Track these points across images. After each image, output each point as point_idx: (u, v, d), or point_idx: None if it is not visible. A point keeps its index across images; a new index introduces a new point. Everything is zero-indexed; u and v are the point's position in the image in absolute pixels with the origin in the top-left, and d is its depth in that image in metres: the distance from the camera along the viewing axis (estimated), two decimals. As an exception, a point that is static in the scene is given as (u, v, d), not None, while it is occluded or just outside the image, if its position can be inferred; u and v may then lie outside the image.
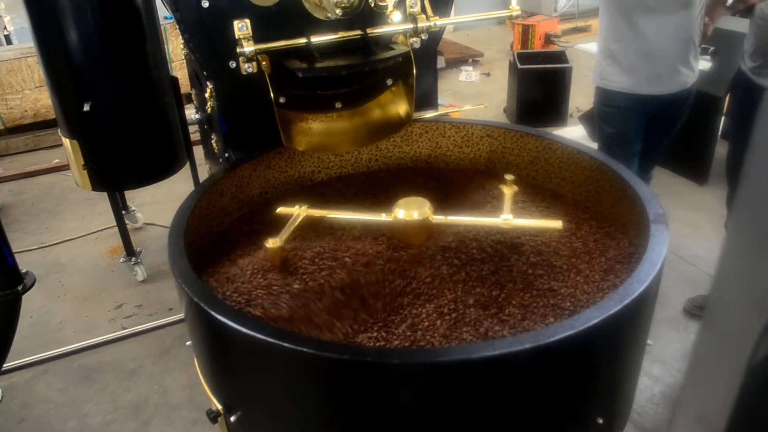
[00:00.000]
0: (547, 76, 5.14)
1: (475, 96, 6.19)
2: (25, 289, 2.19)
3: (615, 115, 2.93)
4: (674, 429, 0.76)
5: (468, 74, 6.76)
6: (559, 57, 5.30)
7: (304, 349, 1.16)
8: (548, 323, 1.39)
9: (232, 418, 1.42)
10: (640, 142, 2.99)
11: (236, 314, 1.27)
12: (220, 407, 1.48)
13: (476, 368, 1.14)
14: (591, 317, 1.19)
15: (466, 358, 1.12)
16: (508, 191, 1.78)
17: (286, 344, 1.17)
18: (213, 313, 1.26)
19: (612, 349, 1.33)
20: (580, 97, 5.45)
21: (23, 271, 2.21)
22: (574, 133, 4.65)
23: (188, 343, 1.64)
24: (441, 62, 7.00)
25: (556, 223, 1.61)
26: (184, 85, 3.29)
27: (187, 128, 3.33)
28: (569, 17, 8.24)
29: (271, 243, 1.58)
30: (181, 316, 3.15)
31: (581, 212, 1.90)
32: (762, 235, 0.58)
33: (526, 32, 7.11)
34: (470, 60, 7.22)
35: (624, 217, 1.75)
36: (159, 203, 4.28)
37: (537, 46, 7.08)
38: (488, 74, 6.88)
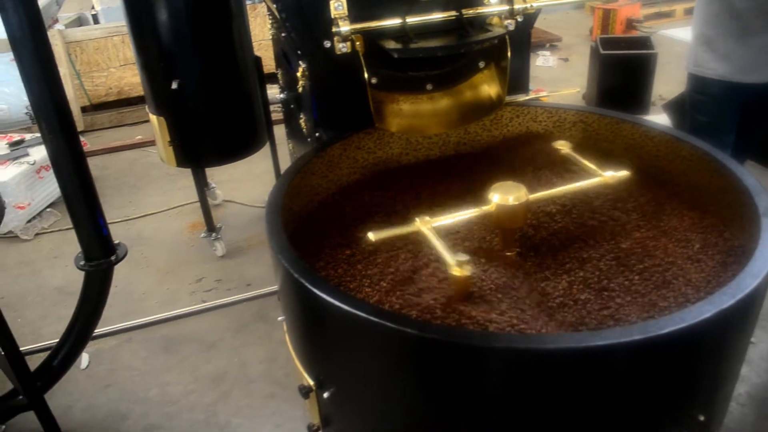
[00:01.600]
0: (631, 63, 4.97)
1: (553, 81, 6.05)
2: (118, 260, 2.27)
3: (709, 103, 2.81)
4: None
5: (545, 59, 6.61)
6: (644, 43, 5.11)
7: (407, 329, 1.16)
8: (655, 314, 1.35)
9: (325, 395, 1.44)
10: (733, 133, 2.86)
11: (336, 291, 1.28)
12: (312, 383, 1.50)
13: (582, 358, 1.11)
14: (703, 311, 1.15)
15: (573, 346, 1.10)
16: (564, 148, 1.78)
17: (387, 323, 1.17)
18: (313, 288, 1.27)
19: (720, 344, 1.28)
20: (664, 85, 5.25)
21: (116, 242, 2.29)
22: (657, 122, 4.49)
23: (280, 318, 1.67)
24: (517, 47, 6.88)
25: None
26: (267, 66, 3.33)
27: (269, 108, 3.38)
28: (652, 2, 7.94)
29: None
30: (260, 291, 3.24)
31: (681, 203, 1.83)
32: None
33: (606, 17, 6.89)
34: (548, 45, 7.06)
35: (729, 210, 1.68)
36: (237, 181, 4.36)
37: (618, 31, 6.85)
38: (566, 59, 6.72)
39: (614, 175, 1.68)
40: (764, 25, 2.57)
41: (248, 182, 4.28)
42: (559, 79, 6.18)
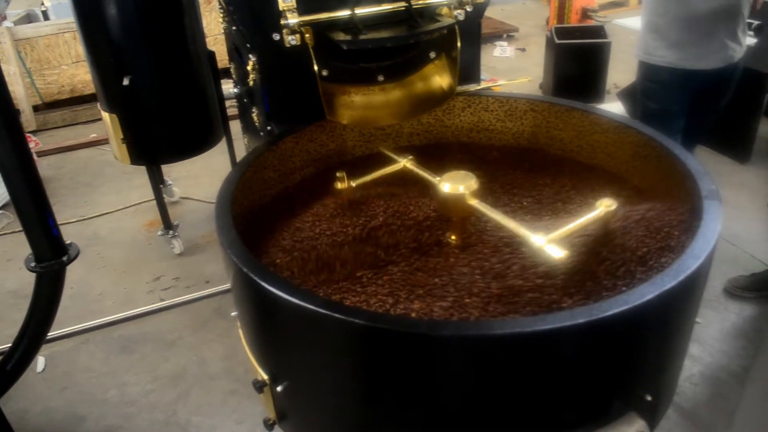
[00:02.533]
0: (585, 52, 5.04)
1: (509, 71, 6.10)
2: (70, 260, 2.22)
3: (658, 90, 2.87)
4: (744, 404, 0.75)
5: (503, 49, 6.66)
6: (598, 32, 5.19)
7: (355, 320, 1.16)
8: (602, 297, 1.37)
9: (279, 388, 1.44)
10: (683, 119, 2.93)
11: (285, 284, 1.27)
12: (266, 377, 1.49)
13: (528, 342, 1.13)
14: (645, 293, 1.17)
15: (519, 331, 1.11)
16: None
17: (336, 315, 1.17)
18: (263, 283, 1.27)
19: (664, 325, 1.31)
20: (618, 73, 5.34)
21: (67, 242, 2.24)
22: (611, 109, 4.53)
23: (233, 313, 1.66)
24: (475, 38, 6.91)
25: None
26: (221, 60, 3.29)
27: (224, 103, 3.35)
28: (607, -8, 8.06)
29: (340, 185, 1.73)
30: (219, 288, 3.21)
31: (627, 188, 1.86)
32: None
33: (562, 6, 6.96)
34: (505, 35, 7.12)
35: (674, 193, 1.72)
36: (195, 177, 4.30)
37: (573, 20, 6.93)
38: (523, 49, 6.78)
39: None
40: (711, 13, 2.62)
41: (206, 178, 4.23)
42: (516, 69, 6.24)
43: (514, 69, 6.23)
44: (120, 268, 3.52)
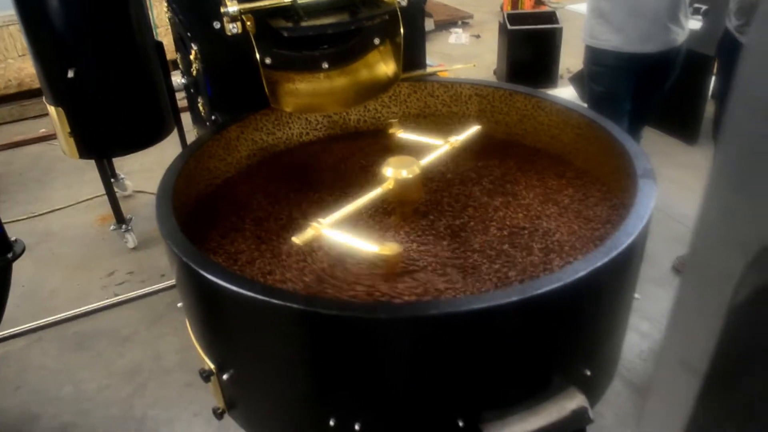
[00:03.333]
0: (537, 37, 5.10)
1: (465, 58, 6.13)
2: (15, 257, 2.18)
3: (604, 73, 2.92)
4: (658, 374, 0.78)
5: (458, 36, 6.69)
6: (549, 18, 5.24)
7: (292, 305, 1.17)
8: (541, 273, 1.40)
9: (225, 377, 1.44)
10: (629, 101, 2.98)
11: (225, 272, 1.27)
12: (212, 366, 1.49)
13: (464, 321, 1.15)
14: (578, 269, 1.20)
15: (453, 311, 1.13)
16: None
17: (274, 300, 1.17)
18: (201, 271, 1.26)
19: (598, 301, 1.35)
20: (571, 58, 5.40)
21: (12, 239, 2.20)
22: (564, 94, 4.63)
23: (179, 304, 1.65)
24: (430, 24, 6.91)
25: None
26: (170, 52, 3.24)
27: (174, 95, 3.30)
28: (560, -22, 8.13)
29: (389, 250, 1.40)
30: (173, 281, 3.17)
31: (570, 170, 1.90)
32: (743, 176, 0.58)
33: (516, -7, 7.02)
34: (460, 22, 7.14)
35: (613, 174, 1.76)
36: (148, 171, 4.24)
37: (527, 7, 7.00)
38: (478, 36, 6.82)
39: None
40: (654, -2, 2.68)
41: (159, 172, 4.04)
42: (471, 55, 6.27)
43: (469, 55, 6.27)
44: (73, 264, 3.46)
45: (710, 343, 0.67)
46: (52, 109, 3.07)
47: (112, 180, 3.64)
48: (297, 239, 1.39)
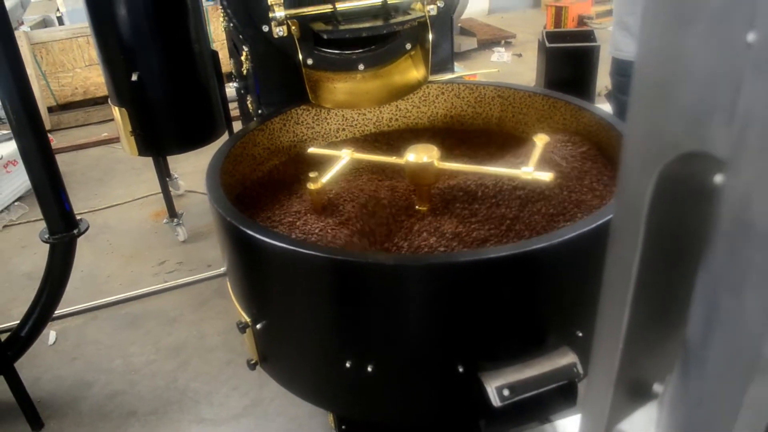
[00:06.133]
0: (575, 55, 5.24)
1: (505, 76, 6.30)
2: (80, 233, 2.44)
3: (629, 83, 3.06)
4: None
5: (500, 55, 6.88)
6: (588, 36, 5.38)
7: (320, 254, 1.37)
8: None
9: (258, 326, 1.64)
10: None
11: (260, 227, 1.48)
12: (248, 319, 1.70)
13: (464, 270, 1.33)
14: (565, 233, 1.37)
15: (453, 261, 1.32)
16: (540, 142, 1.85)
17: (300, 250, 1.38)
18: (242, 227, 1.48)
19: (585, 264, 1.50)
20: (609, 77, 5.52)
21: (78, 218, 2.47)
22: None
23: (222, 268, 1.87)
24: (473, 43, 7.13)
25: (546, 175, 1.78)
26: (225, 65, 3.52)
27: (227, 102, 3.57)
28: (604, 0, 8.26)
29: (312, 185, 1.72)
30: (219, 271, 3.42)
31: (584, 160, 2.06)
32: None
33: (559, 14, 7.18)
34: (503, 41, 7.33)
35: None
36: (200, 173, 4.49)
37: (569, 27, 7.15)
38: (520, 55, 6.99)
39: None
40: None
41: None
42: (512, 73, 6.45)
43: (509, 73, 6.44)
44: (127, 253, 3.75)
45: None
46: (116, 110, 3.37)
47: (167, 179, 3.92)
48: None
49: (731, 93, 0.46)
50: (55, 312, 2.63)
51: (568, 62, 5.24)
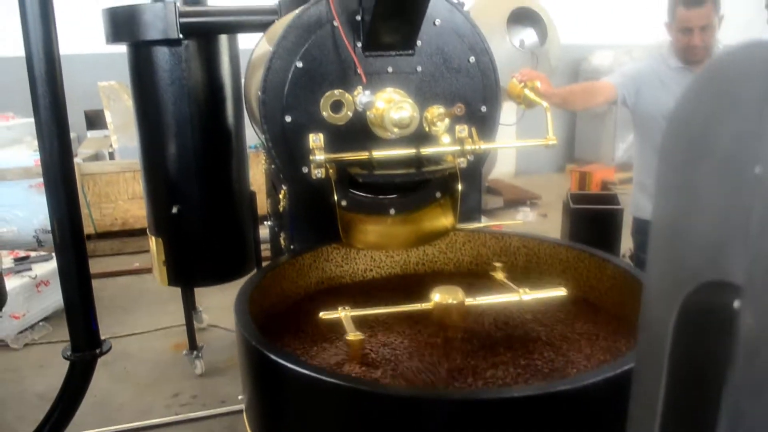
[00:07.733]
0: (599, 217, 5.36)
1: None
2: (101, 353, 2.48)
3: (647, 242, 3.13)
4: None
5: (525, 214, 7.07)
6: (612, 199, 5.54)
7: (358, 387, 1.37)
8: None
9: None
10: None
11: (289, 355, 1.50)
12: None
13: (484, 408, 1.32)
14: (588, 377, 1.37)
15: (474, 398, 1.31)
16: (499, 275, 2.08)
17: (334, 381, 1.38)
18: (267, 353, 1.50)
19: (605, 406, 1.47)
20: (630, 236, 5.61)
21: (102, 339, 2.51)
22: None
23: (240, 396, 1.86)
24: (500, 202, 7.36)
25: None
26: (261, 207, 3.66)
27: (260, 243, 3.69)
28: (627, 167, 8.57)
29: (353, 336, 1.66)
30: (232, 408, 3.37)
31: (605, 315, 2.07)
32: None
33: (583, 179, 7.45)
34: (528, 202, 7.56)
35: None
36: (225, 308, 4.57)
37: (593, 189, 7.38)
38: (545, 215, 7.17)
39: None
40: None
41: None
42: (537, 232, 6.57)
43: (535, 232, 6.57)
44: (143, 382, 3.73)
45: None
46: (152, 240, 3.51)
47: (192, 311, 3.97)
48: (323, 315, 1.76)
49: (744, 222, 0.50)
50: (64, 435, 2.59)
51: (593, 224, 5.36)
